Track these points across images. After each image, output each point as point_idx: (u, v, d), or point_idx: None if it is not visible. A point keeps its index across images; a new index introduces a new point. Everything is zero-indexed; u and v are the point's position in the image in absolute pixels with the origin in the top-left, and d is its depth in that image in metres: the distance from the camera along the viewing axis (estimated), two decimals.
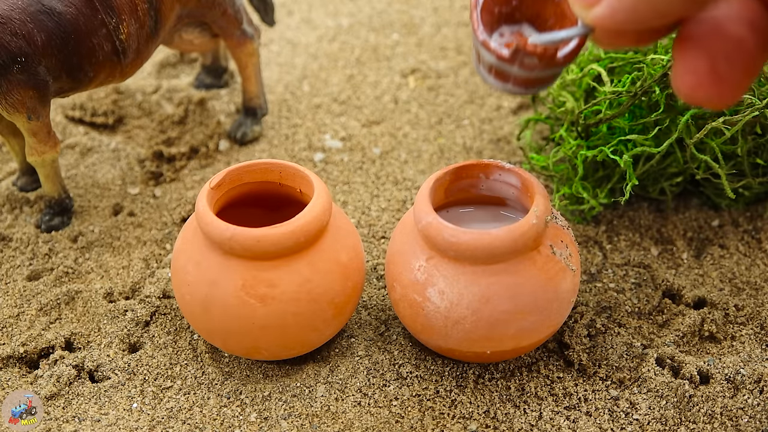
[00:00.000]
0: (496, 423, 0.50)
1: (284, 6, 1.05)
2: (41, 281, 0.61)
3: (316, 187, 0.50)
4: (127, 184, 0.72)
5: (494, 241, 0.46)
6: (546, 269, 0.48)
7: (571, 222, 0.66)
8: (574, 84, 0.70)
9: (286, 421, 0.50)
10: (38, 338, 0.57)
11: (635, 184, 0.61)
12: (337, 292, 0.49)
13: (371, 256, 0.64)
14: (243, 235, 0.46)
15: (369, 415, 0.51)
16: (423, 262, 0.49)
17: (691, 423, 0.50)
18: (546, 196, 0.49)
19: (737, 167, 0.63)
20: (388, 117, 0.82)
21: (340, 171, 0.74)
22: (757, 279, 0.60)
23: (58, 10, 0.57)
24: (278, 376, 0.54)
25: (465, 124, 0.80)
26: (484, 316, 0.47)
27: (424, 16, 1.02)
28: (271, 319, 0.48)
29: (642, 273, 0.61)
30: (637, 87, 0.61)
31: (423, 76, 0.89)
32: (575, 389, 0.52)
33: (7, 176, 0.74)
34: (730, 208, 0.67)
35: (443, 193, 0.53)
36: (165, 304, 0.59)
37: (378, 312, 0.58)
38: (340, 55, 0.93)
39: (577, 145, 0.65)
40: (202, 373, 0.54)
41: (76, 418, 0.51)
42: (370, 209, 0.69)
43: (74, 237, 0.66)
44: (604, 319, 0.57)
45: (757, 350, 0.54)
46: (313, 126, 0.80)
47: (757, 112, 0.58)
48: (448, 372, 0.53)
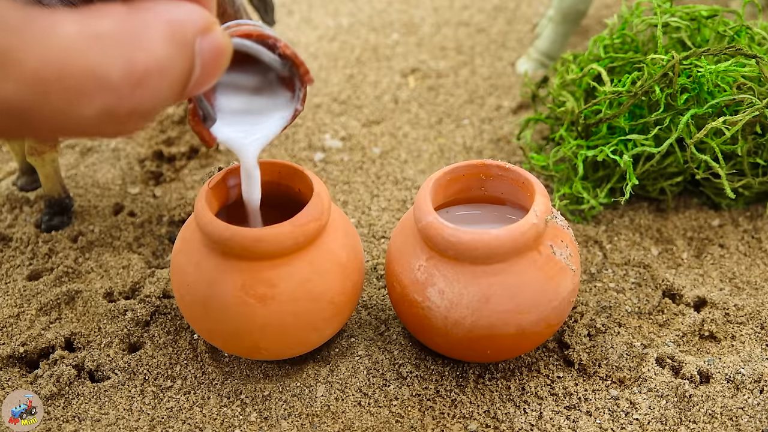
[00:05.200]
0: (496, 423, 0.50)
1: (284, 6, 1.05)
2: (41, 281, 0.61)
3: (315, 186, 0.50)
4: (127, 183, 0.72)
5: (494, 241, 0.46)
6: (546, 269, 0.48)
7: (571, 222, 0.66)
8: (574, 84, 0.70)
9: (286, 421, 0.50)
10: (38, 338, 0.57)
11: (635, 183, 0.61)
12: (337, 291, 0.49)
13: (371, 256, 0.64)
14: (242, 235, 0.46)
15: (369, 414, 0.51)
16: (423, 262, 0.49)
17: (691, 423, 0.50)
18: (546, 196, 0.49)
19: (737, 167, 0.63)
20: (388, 117, 0.81)
21: (340, 171, 0.74)
22: (757, 279, 0.60)
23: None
24: (278, 376, 0.54)
25: (465, 124, 0.80)
26: (484, 316, 0.47)
27: (424, 16, 1.02)
28: (271, 318, 0.48)
29: (642, 273, 0.61)
30: (637, 87, 0.61)
31: (423, 76, 0.89)
32: (575, 389, 0.52)
33: (7, 176, 0.74)
34: (730, 207, 0.67)
35: (443, 193, 0.53)
36: (165, 304, 0.59)
37: (378, 312, 0.58)
38: (340, 55, 0.93)
39: (577, 145, 0.65)
40: (202, 373, 0.54)
41: (76, 418, 0.51)
42: (370, 209, 0.69)
43: (74, 237, 0.66)
44: (604, 319, 0.57)
45: (757, 350, 0.54)
46: (313, 126, 0.80)
47: (757, 112, 0.58)
48: (448, 372, 0.53)
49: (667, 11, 0.66)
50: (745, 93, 0.60)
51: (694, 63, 0.61)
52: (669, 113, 0.61)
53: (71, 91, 0.25)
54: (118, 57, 0.26)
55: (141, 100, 0.27)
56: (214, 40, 0.30)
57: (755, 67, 0.60)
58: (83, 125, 0.27)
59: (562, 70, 0.72)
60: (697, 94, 0.61)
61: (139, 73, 0.26)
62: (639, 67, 0.65)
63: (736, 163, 0.63)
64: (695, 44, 0.67)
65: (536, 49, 0.88)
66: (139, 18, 0.27)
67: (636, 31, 0.68)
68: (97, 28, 0.26)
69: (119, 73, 0.26)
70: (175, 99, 0.29)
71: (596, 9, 1.00)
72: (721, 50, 0.61)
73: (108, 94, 0.26)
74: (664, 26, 0.67)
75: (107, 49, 0.26)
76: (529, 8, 1.03)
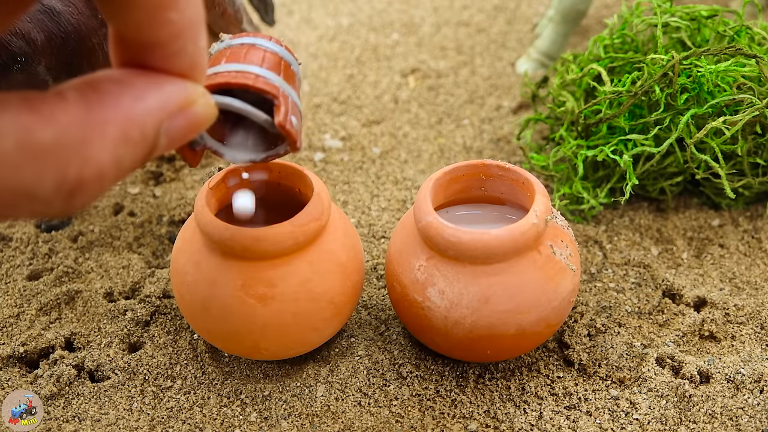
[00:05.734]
0: (496, 423, 0.50)
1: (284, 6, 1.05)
2: (41, 281, 0.61)
3: (315, 186, 0.50)
4: (127, 183, 0.72)
5: (494, 241, 0.46)
6: (546, 269, 0.48)
7: (571, 222, 0.66)
8: (574, 84, 0.70)
9: (286, 421, 0.50)
10: (38, 338, 0.57)
11: (635, 183, 0.61)
12: (337, 291, 0.49)
13: (371, 256, 0.64)
14: (242, 234, 0.46)
15: (369, 414, 0.51)
16: (423, 262, 0.49)
17: (691, 423, 0.50)
18: (546, 196, 0.49)
19: (737, 167, 0.63)
20: (388, 117, 0.81)
21: (340, 171, 0.74)
22: (757, 279, 0.60)
23: (58, 9, 0.57)
24: (278, 376, 0.54)
25: (465, 124, 0.80)
26: (484, 316, 0.47)
27: (424, 16, 1.02)
28: (271, 318, 0.48)
29: (642, 273, 0.61)
30: (637, 87, 0.61)
31: (423, 76, 0.89)
32: (575, 389, 0.52)
33: None
34: (730, 207, 0.67)
35: (443, 193, 0.53)
36: (165, 304, 0.59)
37: (378, 312, 0.58)
38: (340, 55, 0.93)
39: (577, 145, 0.65)
40: (202, 373, 0.54)
41: (76, 418, 0.51)
42: (370, 209, 0.69)
43: (74, 237, 0.66)
44: (604, 319, 0.57)
45: (757, 350, 0.54)
46: (313, 126, 0.80)
47: (757, 112, 0.58)
48: (448, 372, 0.53)
49: (667, 11, 0.66)
50: (745, 93, 0.60)
51: (694, 63, 0.61)
52: (669, 113, 0.61)
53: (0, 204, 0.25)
54: (52, 171, 0.25)
55: (76, 203, 0.26)
56: (187, 117, 0.28)
57: (755, 67, 0.60)
58: (11, 219, 0.27)
59: (562, 70, 0.72)
60: (697, 94, 0.61)
61: (74, 184, 0.25)
62: (639, 67, 0.65)
63: (736, 163, 0.63)
64: (695, 44, 0.67)
65: (536, 49, 0.88)
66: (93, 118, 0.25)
67: (636, 31, 0.68)
68: (38, 139, 0.24)
69: (51, 186, 0.25)
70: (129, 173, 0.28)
71: (596, 9, 1.00)
72: (721, 50, 0.61)
73: (39, 206, 0.25)
74: (664, 26, 0.67)
75: (42, 163, 0.25)
76: (529, 8, 1.03)
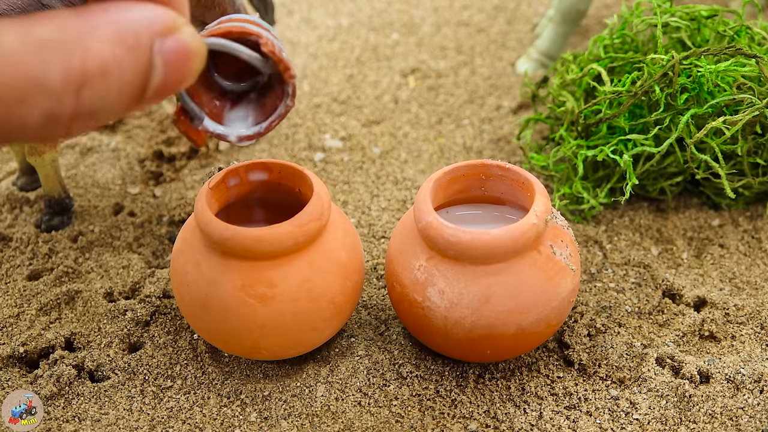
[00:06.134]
0: (496, 423, 0.50)
1: (284, 6, 1.05)
2: (41, 281, 0.61)
3: (315, 186, 0.50)
4: (127, 183, 0.72)
5: (494, 241, 0.46)
6: (546, 269, 0.48)
7: (571, 222, 0.66)
8: (574, 84, 0.70)
9: (286, 421, 0.50)
10: (38, 338, 0.57)
11: (635, 183, 0.61)
12: (337, 291, 0.49)
13: (371, 256, 0.64)
14: (242, 234, 0.46)
15: (369, 414, 0.51)
16: (423, 262, 0.49)
17: (692, 423, 0.50)
18: (546, 196, 0.49)
19: (737, 167, 0.63)
20: (388, 117, 0.81)
21: (340, 171, 0.74)
22: (757, 279, 0.60)
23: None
24: (278, 376, 0.54)
25: (465, 124, 0.80)
26: (484, 316, 0.47)
27: (424, 15, 1.02)
28: (271, 318, 0.48)
29: (642, 273, 0.61)
30: (637, 87, 0.61)
31: (423, 76, 0.89)
32: (575, 389, 0.52)
33: (7, 176, 0.74)
34: (730, 207, 0.67)
35: (443, 193, 0.53)
36: (165, 304, 0.59)
37: (378, 312, 0.58)
38: (340, 55, 0.93)
39: (577, 145, 0.65)
40: (202, 373, 0.54)
41: (76, 418, 0.51)
42: (370, 209, 0.69)
43: (74, 237, 0.66)
44: (604, 319, 0.57)
45: (757, 350, 0.54)
46: (313, 126, 0.80)
47: (757, 112, 0.58)
48: (448, 372, 0.53)
49: (667, 11, 0.66)
50: (745, 93, 0.60)
51: (694, 63, 0.61)
52: (669, 113, 0.61)
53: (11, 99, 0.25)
54: (57, 61, 0.25)
55: (85, 103, 0.27)
56: (178, 41, 0.29)
57: (755, 67, 0.60)
58: (26, 130, 0.26)
59: (562, 70, 0.72)
60: (697, 94, 0.61)
61: (79, 75, 0.26)
62: (639, 67, 0.65)
63: (736, 163, 0.63)
64: (695, 44, 0.67)
65: (536, 49, 0.88)
66: (85, 21, 0.27)
67: (636, 31, 0.68)
68: (38, 34, 0.25)
69: (58, 77, 0.26)
70: (133, 103, 0.28)
71: (596, 9, 1.00)
72: (721, 50, 0.61)
73: (48, 99, 0.26)
74: (664, 26, 0.67)
75: (46, 54, 0.25)
76: (529, 8, 1.03)
